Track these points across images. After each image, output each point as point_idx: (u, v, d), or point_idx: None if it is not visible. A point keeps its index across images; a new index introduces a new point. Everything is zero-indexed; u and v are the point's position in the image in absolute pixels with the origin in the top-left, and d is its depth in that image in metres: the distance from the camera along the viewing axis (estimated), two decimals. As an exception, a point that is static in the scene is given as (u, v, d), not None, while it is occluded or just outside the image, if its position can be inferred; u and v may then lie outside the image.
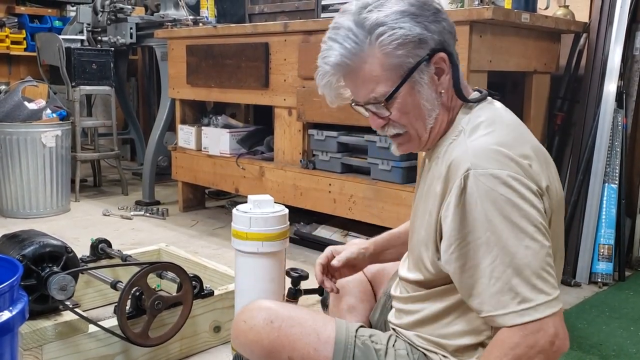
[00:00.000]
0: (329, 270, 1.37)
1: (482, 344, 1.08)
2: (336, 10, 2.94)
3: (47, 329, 1.64)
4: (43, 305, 1.68)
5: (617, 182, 2.69)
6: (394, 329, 1.23)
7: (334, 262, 1.35)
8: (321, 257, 1.37)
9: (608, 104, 2.69)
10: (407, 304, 1.19)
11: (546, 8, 2.75)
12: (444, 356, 1.11)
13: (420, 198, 1.19)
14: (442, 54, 1.07)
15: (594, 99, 2.75)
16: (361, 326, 1.20)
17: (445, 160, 1.05)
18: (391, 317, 1.27)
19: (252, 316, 1.16)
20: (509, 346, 0.97)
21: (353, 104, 1.15)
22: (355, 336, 1.15)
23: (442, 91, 1.09)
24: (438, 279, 1.10)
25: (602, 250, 2.65)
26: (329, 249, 1.39)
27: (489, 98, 1.15)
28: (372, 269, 1.51)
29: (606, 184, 2.69)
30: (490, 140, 1.02)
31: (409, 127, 1.10)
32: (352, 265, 1.38)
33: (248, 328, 1.15)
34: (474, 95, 1.14)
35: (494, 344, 1.00)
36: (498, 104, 1.15)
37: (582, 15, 2.86)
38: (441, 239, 1.05)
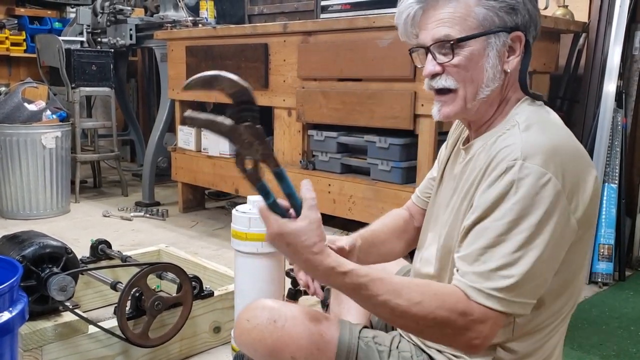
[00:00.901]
0: None
1: (498, 345, 1.07)
2: (335, 12, 2.96)
3: (47, 330, 1.63)
4: (43, 306, 1.68)
5: (617, 181, 2.69)
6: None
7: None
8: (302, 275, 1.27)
9: (607, 104, 2.69)
10: None
11: (545, 8, 2.75)
12: (454, 356, 1.11)
13: (444, 202, 1.18)
14: (521, 34, 1.07)
15: (593, 98, 2.75)
16: (365, 327, 1.20)
17: (493, 149, 1.03)
18: None
19: (256, 315, 1.16)
20: (454, 307, 0.96)
21: (413, 51, 1.13)
22: (359, 337, 1.15)
23: (508, 70, 1.08)
24: None
25: (602, 250, 2.65)
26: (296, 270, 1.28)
27: (541, 103, 1.13)
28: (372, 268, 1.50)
29: (606, 184, 2.69)
30: (546, 140, 1.00)
31: (461, 86, 1.07)
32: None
33: (251, 327, 1.15)
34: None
35: (447, 289, 0.99)
36: (552, 111, 1.12)
37: (581, 15, 2.86)
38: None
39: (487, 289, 0.96)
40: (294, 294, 2.23)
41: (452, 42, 1.04)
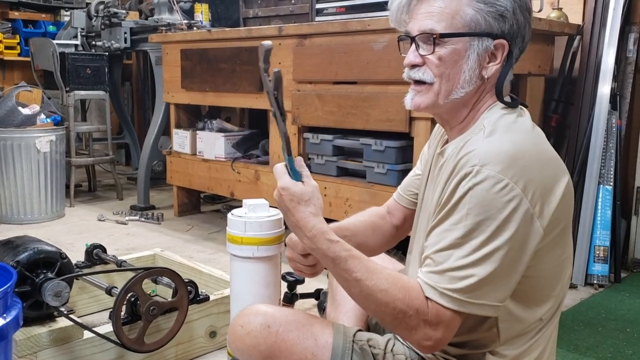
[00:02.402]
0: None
1: (487, 351, 1.08)
2: (330, 15, 2.96)
3: (41, 336, 1.63)
4: (37, 311, 1.67)
5: (612, 183, 2.70)
6: None
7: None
8: (290, 251, 1.23)
9: (602, 106, 2.70)
10: None
11: (539, 10, 2.76)
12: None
13: (426, 206, 1.19)
14: (505, 43, 1.07)
15: (588, 100, 2.76)
16: (359, 330, 1.20)
17: (460, 154, 1.05)
18: None
19: (249, 321, 1.16)
20: (412, 303, 0.99)
21: (400, 39, 1.15)
22: (353, 340, 1.15)
23: (485, 76, 1.08)
24: None
25: (597, 252, 2.66)
26: (289, 240, 1.23)
27: (521, 108, 1.13)
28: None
29: (601, 186, 2.70)
30: (508, 146, 1.01)
31: (437, 80, 1.08)
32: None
33: (245, 333, 1.15)
34: (507, 100, 1.13)
35: (412, 284, 1.02)
36: (527, 117, 1.12)
37: (575, 18, 2.87)
38: None
39: (441, 288, 0.99)
40: (290, 298, 2.22)
41: (434, 36, 1.06)
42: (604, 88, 2.71)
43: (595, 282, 2.63)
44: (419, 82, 1.11)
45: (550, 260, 1.06)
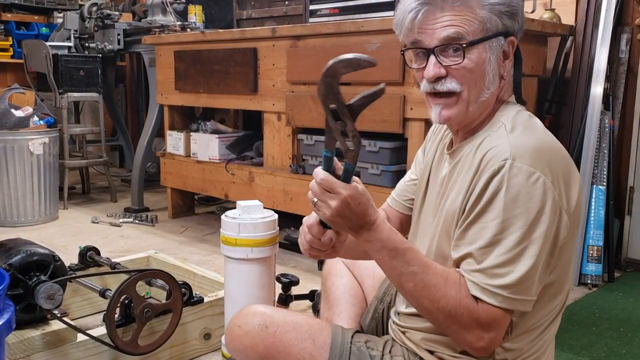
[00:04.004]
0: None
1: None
2: (324, 16, 2.96)
3: (34, 339, 1.62)
4: (30, 314, 1.66)
5: (605, 183, 2.71)
6: (400, 330, 1.22)
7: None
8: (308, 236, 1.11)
9: (595, 106, 2.71)
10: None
11: (532, 11, 2.77)
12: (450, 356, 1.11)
13: (431, 208, 1.18)
14: (514, 39, 1.09)
15: (581, 101, 2.77)
16: (357, 331, 1.20)
17: (481, 150, 1.04)
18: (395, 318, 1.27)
19: (247, 321, 1.15)
20: (462, 300, 0.98)
21: (407, 51, 1.12)
22: (351, 342, 1.15)
23: (504, 74, 1.10)
24: None
25: (591, 252, 2.67)
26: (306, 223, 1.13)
27: (522, 106, 1.15)
28: (362, 273, 1.50)
29: (594, 186, 2.71)
30: (532, 140, 1.02)
31: (465, 87, 1.06)
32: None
33: (243, 333, 1.15)
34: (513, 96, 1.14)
35: (459, 280, 1.00)
36: (533, 115, 1.14)
37: (568, 19, 2.88)
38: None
39: (490, 287, 0.98)
40: (285, 299, 2.22)
41: (464, 44, 1.03)
42: (597, 88, 2.72)
43: (588, 281, 2.64)
44: (442, 94, 1.08)
45: (567, 254, 1.07)
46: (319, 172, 1.01)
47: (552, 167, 1.00)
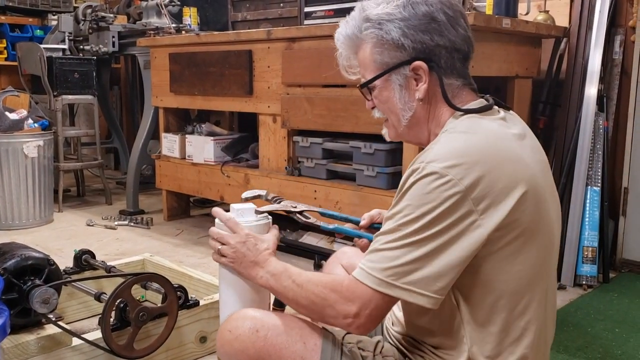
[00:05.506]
0: None
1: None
2: (319, 18, 2.96)
3: (29, 343, 1.61)
4: (25, 319, 1.65)
5: (599, 184, 2.72)
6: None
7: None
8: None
9: (589, 108, 2.72)
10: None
11: (527, 13, 2.78)
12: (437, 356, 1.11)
13: None
14: (420, 64, 1.09)
15: (575, 102, 2.78)
16: (348, 333, 1.20)
17: (417, 157, 1.08)
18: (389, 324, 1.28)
19: (237, 326, 1.16)
20: (337, 285, 1.06)
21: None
22: (342, 343, 1.16)
23: (420, 97, 1.12)
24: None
25: (586, 253, 2.67)
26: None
27: (497, 109, 1.13)
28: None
29: (589, 187, 2.72)
30: (460, 145, 1.02)
31: (387, 116, 1.19)
32: None
33: (233, 338, 1.15)
34: (475, 104, 1.12)
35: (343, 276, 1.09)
36: (496, 118, 1.11)
37: (562, 20, 2.89)
38: None
39: (361, 265, 1.04)
40: (281, 302, 2.21)
41: (366, 85, 1.17)
42: (591, 90, 2.73)
43: (584, 282, 2.65)
44: (384, 118, 1.22)
45: (513, 272, 1.02)
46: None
47: (475, 171, 0.98)
